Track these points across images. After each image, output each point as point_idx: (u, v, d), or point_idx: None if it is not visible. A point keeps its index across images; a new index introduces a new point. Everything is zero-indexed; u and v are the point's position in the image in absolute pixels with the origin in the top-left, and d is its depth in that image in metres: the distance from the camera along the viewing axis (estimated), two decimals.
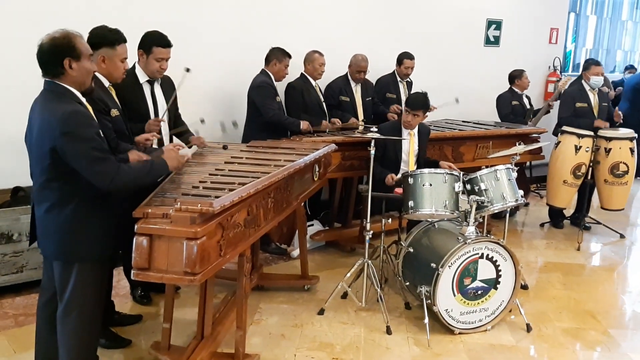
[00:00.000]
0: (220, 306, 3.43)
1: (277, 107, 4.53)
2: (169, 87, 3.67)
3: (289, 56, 4.62)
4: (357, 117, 5.25)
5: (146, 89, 3.52)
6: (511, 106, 6.04)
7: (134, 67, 3.48)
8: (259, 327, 3.52)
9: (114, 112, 2.96)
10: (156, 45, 3.41)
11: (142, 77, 3.50)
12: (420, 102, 4.09)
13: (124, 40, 2.98)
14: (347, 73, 5.27)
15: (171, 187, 2.82)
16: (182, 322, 3.41)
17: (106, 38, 2.89)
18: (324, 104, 5.04)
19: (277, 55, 4.57)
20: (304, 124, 4.53)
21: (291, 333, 3.46)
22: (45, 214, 2.45)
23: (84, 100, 2.45)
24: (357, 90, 5.31)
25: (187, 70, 3.50)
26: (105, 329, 3.23)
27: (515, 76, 6.07)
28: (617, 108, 5.69)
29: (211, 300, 3.05)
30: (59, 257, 2.49)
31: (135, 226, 2.32)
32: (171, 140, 3.69)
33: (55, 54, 2.33)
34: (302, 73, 4.97)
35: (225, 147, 3.51)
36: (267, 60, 4.61)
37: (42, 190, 2.43)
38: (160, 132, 3.54)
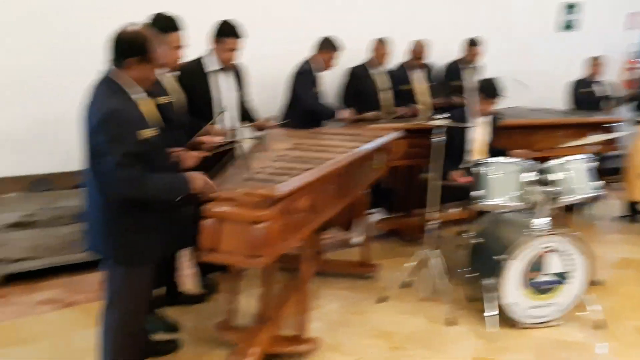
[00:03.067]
0: (282, 290, 3.47)
1: (314, 96, 4.45)
2: (238, 75, 3.66)
3: (338, 48, 4.54)
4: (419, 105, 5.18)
5: (214, 78, 3.51)
6: (581, 93, 5.77)
7: (204, 55, 3.50)
8: (320, 313, 3.53)
9: (161, 100, 2.88)
10: (228, 35, 3.40)
11: (212, 66, 3.50)
12: (498, 89, 3.96)
13: (178, 28, 2.96)
14: (406, 60, 5.19)
15: (236, 172, 2.87)
16: (245, 303, 3.45)
17: (158, 24, 2.86)
18: (381, 92, 4.95)
19: (326, 46, 4.52)
20: (345, 112, 4.43)
21: (351, 320, 3.46)
22: (90, 209, 2.41)
23: (138, 96, 2.36)
24: (417, 78, 5.21)
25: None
26: (157, 314, 3.23)
27: (589, 62, 5.80)
28: None
29: (273, 283, 3.09)
30: (103, 252, 2.44)
31: (203, 208, 2.37)
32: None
33: (128, 46, 2.26)
34: (365, 60, 4.93)
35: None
36: (316, 48, 4.56)
37: (88, 182, 2.37)
38: (223, 123, 3.53)
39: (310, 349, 3.03)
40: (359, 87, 4.90)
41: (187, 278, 3.91)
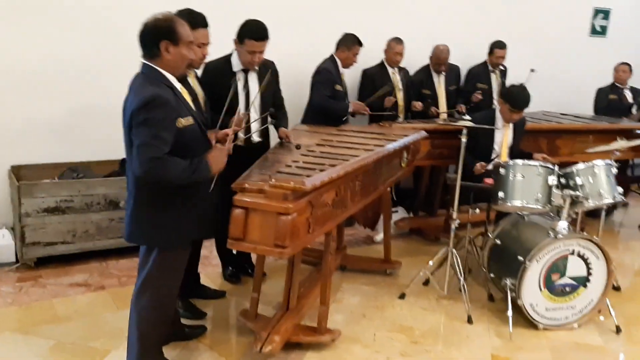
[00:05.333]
0: (304, 281, 3.55)
1: (329, 95, 4.38)
2: (267, 75, 3.51)
3: (360, 44, 4.51)
4: (438, 109, 5.24)
5: (239, 78, 3.44)
6: (608, 100, 5.76)
7: (231, 54, 3.47)
8: (341, 306, 3.61)
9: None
10: (249, 37, 3.27)
11: (236, 66, 3.42)
12: (528, 101, 4.00)
13: (203, 25, 2.95)
14: (429, 64, 5.24)
15: (266, 165, 2.97)
16: (267, 295, 3.54)
17: (184, 19, 2.68)
18: (400, 92, 4.98)
19: (347, 42, 4.49)
20: (353, 105, 4.38)
21: (372, 314, 3.54)
22: (128, 195, 2.49)
23: (177, 85, 2.45)
24: (439, 82, 5.25)
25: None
26: (186, 300, 3.34)
27: (617, 68, 5.80)
28: None
29: (297, 274, 3.17)
30: (137, 240, 2.53)
31: (233, 198, 2.47)
32: (265, 131, 3.63)
33: (154, 35, 2.34)
34: (382, 60, 4.97)
35: (298, 147, 3.29)
36: (338, 45, 4.55)
37: (127, 170, 2.47)
38: (248, 123, 3.45)
39: (331, 340, 3.11)
40: (375, 88, 4.92)
41: (212, 269, 4.04)
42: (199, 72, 3.28)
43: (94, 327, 3.21)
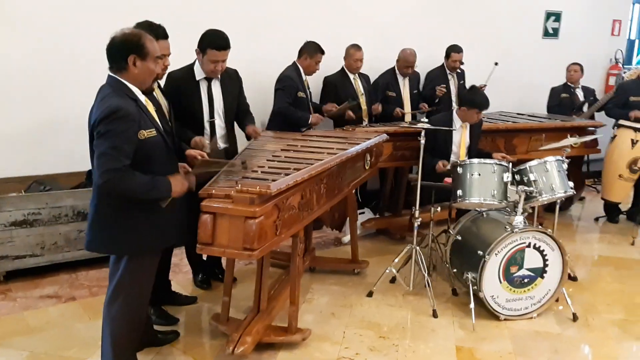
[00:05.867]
0: (274, 284, 3.64)
1: (290, 101, 4.45)
2: (231, 82, 3.65)
3: (322, 52, 4.60)
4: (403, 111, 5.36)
5: (203, 87, 3.52)
6: (559, 99, 6.02)
7: (193, 63, 3.54)
8: (311, 306, 3.71)
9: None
10: (211, 47, 3.35)
11: (199, 75, 3.50)
12: (485, 102, 4.19)
13: (163, 37, 3.01)
14: (394, 67, 5.38)
15: (233, 171, 3.05)
16: (238, 299, 3.62)
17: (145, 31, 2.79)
18: (363, 96, 5.09)
19: (309, 50, 4.57)
20: (313, 117, 4.48)
21: (341, 312, 3.64)
22: (91, 205, 2.54)
23: (142, 98, 2.51)
24: (404, 85, 5.40)
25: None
26: (158, 307, 3.40)
27: (568, 68, 6.08)
28: None
29: (267, 276, 3.26)
30: (103, 249, 2.59)
31: (201, 205, 2.55)
32: (231, 138, 3.73)
33: (123, 49, 2.40)
34: (342, 67, 5.09)
35: (244, 163, 3.16)
36: (300, 53, 4.62)
37: (93, 180, 2.49)
38: (214, 131, 3.57)
39: (301, 339, 3.21)
40: (337, 94, 5.00)
41: (183, 276, 4.10)
42: (162, 81, 3.34)
43: (66, 337, 3.23)
